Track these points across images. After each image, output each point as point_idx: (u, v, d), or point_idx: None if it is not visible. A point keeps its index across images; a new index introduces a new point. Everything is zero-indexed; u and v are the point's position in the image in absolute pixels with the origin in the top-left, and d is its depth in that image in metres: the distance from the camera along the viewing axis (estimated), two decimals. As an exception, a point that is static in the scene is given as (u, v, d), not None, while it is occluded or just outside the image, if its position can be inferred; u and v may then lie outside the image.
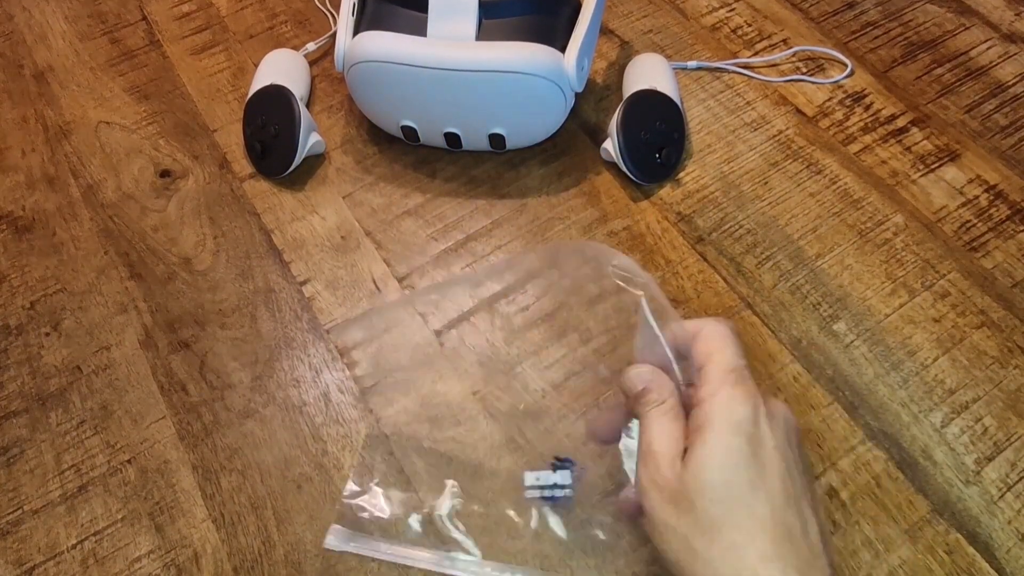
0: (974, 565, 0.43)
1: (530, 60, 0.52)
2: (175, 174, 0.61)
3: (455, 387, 0.50)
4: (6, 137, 0.64)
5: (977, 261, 0.55)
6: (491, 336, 0.52)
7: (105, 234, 0.58)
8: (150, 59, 0.69)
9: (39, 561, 0.45)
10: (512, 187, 0.60)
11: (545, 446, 0.47)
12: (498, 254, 0.56)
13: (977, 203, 0.58)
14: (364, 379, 0.51)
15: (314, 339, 0.52)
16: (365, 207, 0.59)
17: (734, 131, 0.62)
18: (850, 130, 0.62)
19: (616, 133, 0.57)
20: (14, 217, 0.59)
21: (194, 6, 0.73)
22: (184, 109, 0.65)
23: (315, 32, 0.70)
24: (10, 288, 0.55)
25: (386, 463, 0.47)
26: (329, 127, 0.63)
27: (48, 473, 0.48)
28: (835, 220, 0.57)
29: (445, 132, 0.58)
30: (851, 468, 0.47)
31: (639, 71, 0.62)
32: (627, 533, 0.45)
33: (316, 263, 0.56)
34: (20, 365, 0.52)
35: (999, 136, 0.62)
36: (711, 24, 0.70)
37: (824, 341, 0.51)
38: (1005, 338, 0.51)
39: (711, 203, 0.58)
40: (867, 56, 0.67)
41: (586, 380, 0.50)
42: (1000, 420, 0.48)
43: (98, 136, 0.64)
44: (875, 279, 0.54)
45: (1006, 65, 0.66)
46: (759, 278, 0.54)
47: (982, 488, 0.46)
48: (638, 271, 0.42)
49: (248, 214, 0.59)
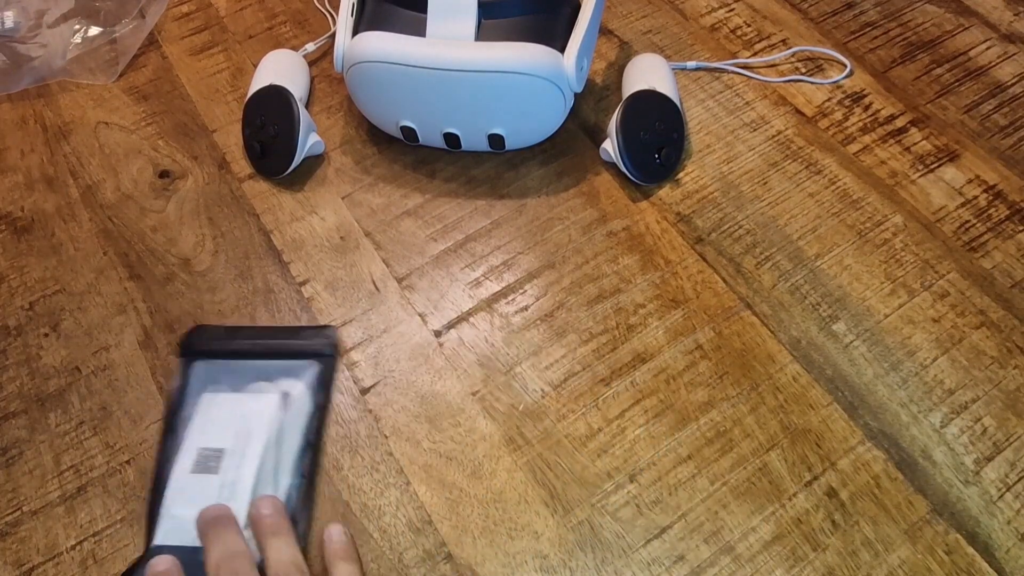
0: (973, 565, 0.43)
1: (529, 60, 0.52)
2: (174, 175, 0.61)
3: (454, 387, 0.50)
4: (5, 138, 0.64)
5: (976, 261, 0.55)
6: (490, 336, 0.52)
7: (104, 235, 0.58)
8: (149, 59, 0.69)
9: (38, 562, 0.45)
10: (511, 187, 0.60)
11: (543, 446, 0.47)
12: (497, 254, 0.56)
13: (976, 203, 0.58)
14: (363, 379, 0.51)
15: (313, 339, 0.52)
16: (364, 207, 0.59)
17: (733, 131, 0.62)
18: (849, 130, 0.62)
19: (615, 133, 0.57)
20: (13, 218, 0.59)
21: (193, 6, 0.73)
22: (183, 110, 0.65)
23: (314, 33, 0.70)
24: (9, 289, 0.55)
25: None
26: (328, 127, 0.63)
27: (47, 474, 0.48)
28: (834, 220, 0.57)
29: (444, 132, 0.57)
30: (850, 468, 0.47)
31: (638, 71, 0.62)
32: (626, 534, 0.45)
33: (315, 263, 0.56)
34: (19, 366, 0.52)
35: (998, 136, 0.62)
36: (710, 24, 0.70)
37: (823, 341, 0.51)
38: (1004, 338, 0.51)
39: (710, 203, 0.58)
40: (866, 56, 0.67)
41: (585, 380, 0.50)
42: (999, 420, 0.48)
43: (97, 137, 0.64)
44: (874, 279, 0.54)
45: (1005, 65, 0.66)
46: (758, 278, 0.54)
47: (981, 488, 0.46)
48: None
49: (247, 215, 0.59)
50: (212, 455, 0.44)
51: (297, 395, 0.47)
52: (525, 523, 0.45)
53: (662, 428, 0.48)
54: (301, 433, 0.46)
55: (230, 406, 0.47)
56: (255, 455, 0.44)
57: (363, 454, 0.48)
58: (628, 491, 0.46)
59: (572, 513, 0.46)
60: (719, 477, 0.46)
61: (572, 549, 0.44)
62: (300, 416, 0.46)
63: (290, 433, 0.46)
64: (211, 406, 0.46)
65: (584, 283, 0.54)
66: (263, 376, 0.48)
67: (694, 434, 0.48)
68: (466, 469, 0.47)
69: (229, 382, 0.48)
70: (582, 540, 0.45)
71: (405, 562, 0.44)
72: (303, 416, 0.46)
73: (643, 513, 0.45)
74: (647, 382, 0.50)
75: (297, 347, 0.49)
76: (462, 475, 0.47)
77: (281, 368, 0.48)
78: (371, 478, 0.47)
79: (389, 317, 0.53)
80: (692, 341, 0.52)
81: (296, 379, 0.48)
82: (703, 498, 0.46)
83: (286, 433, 0.46)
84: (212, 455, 0.44)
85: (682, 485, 0.46)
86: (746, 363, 0.51)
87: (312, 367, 0.48)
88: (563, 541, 0.45)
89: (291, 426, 0.46)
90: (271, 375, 0.48)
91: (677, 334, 0.52)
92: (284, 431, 0.46)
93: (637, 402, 0.49)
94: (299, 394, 0.47)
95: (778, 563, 0.44)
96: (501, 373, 0.51)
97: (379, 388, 0.50)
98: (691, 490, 0.46)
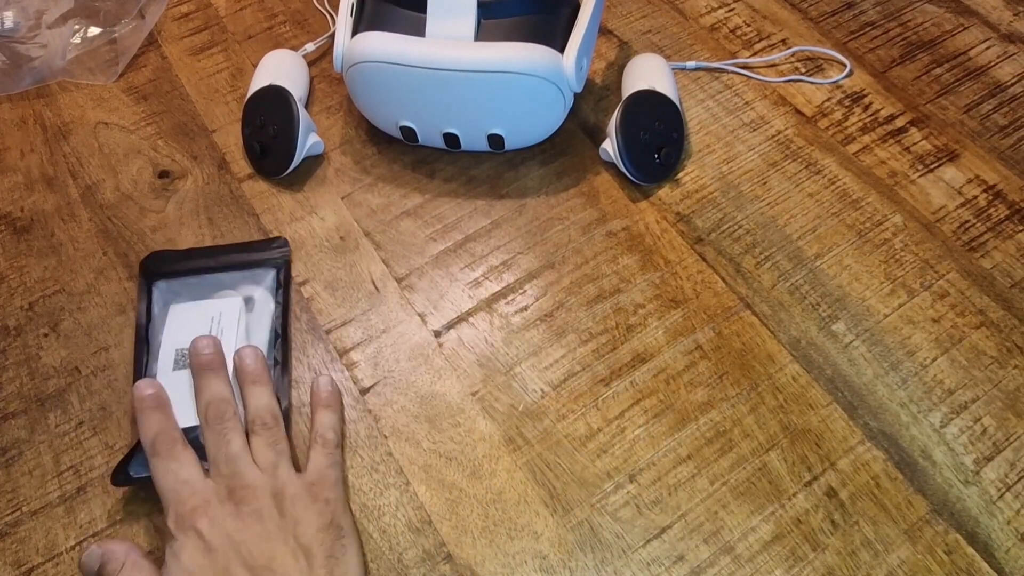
0: (973, 565, 0.43)
1: (529, 60, 0.52)
2: (174, 175, 0.61)
3: (454, 387, 0.50)
4: (4, 138, 0.64)
5: (976, 261, 0.55)
6: (490, 336, 0.52)
7: (104, 235, 0.58)
8: (149, 60, 0.69)
9: (38, 563, 0.45)
10: (511, 187, 0.60)
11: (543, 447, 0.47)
12: (497, 254, 0.56)
13: (976, 203, 0.58)
14: (363, 380, 0.51)
15: (313, 339, 0.52)
16: (364, 207, 0.59)
17: (733, 131, 0.62)
18: (849, 130, 0.62)
19: (615, 133, 0.57)
20: (12, 218, 0.59)
21: (193, 6, 0.73)
22: (183, 110, 0.65)
23: (314, 32, 0.70)
24: (8, 289, 0.55)
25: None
26: (328, 127, 0.63)
27: (47, 474, 0.48)
28: (834, 220, 0.57)
29: (444, 132, 0.57)
30: (850, 468, 0.47)
31: (638, 71, 0.62)
32: (626, 534, 0.45)
33: (315, 263, 0.56)
34: (19, 366, 0.52)
35: (998, 136, 0.62)
36: (710, 24, 0.70)
37: (823, 341, 0.51)
38: (1004, 338, 0.51)
39: (710, 203, 0.58)
40: (866, 56, 0.67)
41: (584, 381, 0.50)
42: (999, 420, 0.48)
43: (97, 137, 0.64)
44: (874, 279, 0.54)
45: (1005, 65, 0.66)
46: (758, 278, 0.54)
47: (981, 488, 0.46)
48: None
49: (247, 215, 0.59)
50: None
51: (259, 297, 0.52)
52: (525, 523, 0.45)
53: (662, 428, 0.48)
54: (268, 327, 0.51)
55: (198, 311, 0.50)
56: (229, 345, 0.49)
57: (362, 454, 0.48)
58: (628, 491, 0.46)
59: (572, 513, 0.46)
60: (719, 477, 0.46)
61: (572, 549, 0.44)
62: (265, 314, 0.51)
63: (258, 327, 0.50)
64: (179, 314, 0.50)
65: (584, 283, 0.54)
66: (224, 286, 0.52)
67: (694, 434, 0.48)
68: (466, 469, 0.47)
69: (192, 295, 0.52)
70: (582, 540, 0.45)
71: (405, 562, 0.44)
72: (268, 314, 0.51)
73: (643, 513, 0.45)
74: (647, 382, 0.50)
75: (251, 259, 0.53)
76: (462, 475, 0.47)
77: (239, 278, 0.52)
78: (370, 478, 0.47)
79: (389, 317, 0.53)
80: (692, 341, 0.52)
81: (256, 285, 0.52)
82: (703, 498, 0.46)
83: (254, 327, 0.50)
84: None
85: (682, 485, 0.46)
86: (746, 363, 0.51)
87: (268, 273, 0.53)
88: (563, 541, 0.45)
89: (257, 322, 0.50)
90: (231, 284, 0.52)
91: (677, 334, 0.52)
92: (251, 326, 0.50)
93: (637, 402, 0.49)
94: (261, 296, 0.52)
95: (778, 563, 0.44)
96: (501, 373, 0.51)
97: (379, 388, 0.50)
98: (691, 490, 0.46)
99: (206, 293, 0.52)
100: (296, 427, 0.49)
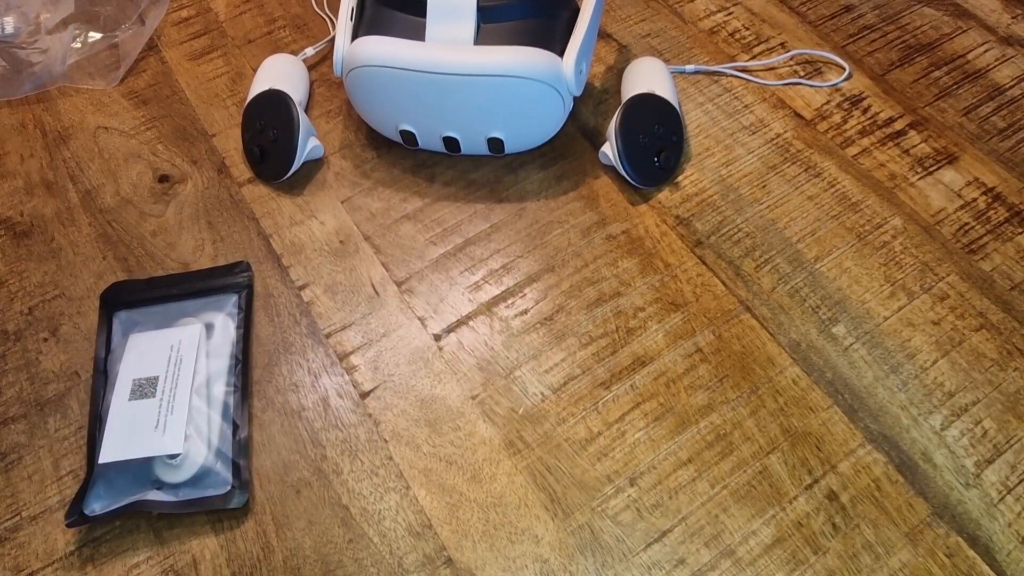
0: (974, 568, 0.43)
1: (528, 64, 0.52)
2: (173, 179, 0.61)
3: (454, 391, 0.50)
4: (5, 142, 0.64)
5: (976, 263, 0.55)
6: (490, 340, 0.52)
7: (103, 239, 0.58)
8: (149, 64, 0.69)
9: (37, 567, 0.44)
10: (511, 191, 0.60)
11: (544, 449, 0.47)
12: (497, 258, 0.56)
13: (975, 206, 0.58)
14: (363, 384, 0.51)
15: (313, 343, 0.52)
16: (364, 211, 0.59)
17: (732, 134, 0.62)
18: (848, 133, 0.62)
19: (615, 137, 0.57)
20: (12, 222, 0.59)
21: (193, 11, 0.73)
22: (183, 114, 0.65)
23: (313, 37, 0.70)
24: (8, 293, 0.55)
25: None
26: (328, 132, 0.64)
27: (46, 479, 0.47)
28: (834, 223, 0.57)
29: (444, 136, 0.58)
30: (851, 471, 0.47)
31: (637, 75, 0.62)
32: (627, 537, 0.45)
33: (315, 267, 0.56)
34: (18, 371, 0.52)
35: (997, 139, 0.62)
36: (709, 28, 0.70)
37: (823, 344, 0.51)
38: (1004, 340, 0.51)
39: (710, 206, 0.58)
40: (865, 59, 0.67)
41: (584, 384, 0.50)
42: (1000, 423, 0.48)
43: (97, 141, 0.64)
44: (874, 282, 0.54)
45: (1003, 68, 0.66)
46: (758, 281, 0.54)
47: (982, 491, 0.46)
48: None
49: (247, 219, 0.59)
50: (147, 383, 0.48)
51: (219, 323, 0.51)
52: (525, 527, 0.45)
53: (662, 431, 0.48)
54: (228, 353, 0.50)
55: (158, 340, 0.50)
56: (187, 374, 0.48)
57: (363, 458, 0.48)
58: (628, 495, 0.46)
59: (572, 517, 0.45)
60: (719, 480, 0.46)
61: (572, 553, 0.44)
62: (225, 340, 0.51)
63: (217, 354, 0.50)
64: (139, 343, 0.50)
65: (583, 286, 0.54)
66: (186, 313, 0.52)
67: (694, 437, 0.48)
68: (466, 473, 0.47)
69: (154, 323, 0.52)
70: (582, 544, 0.45)
71: (405, 566, 0.44)
72: (228, 340, 0.51)
73: (643, 517, 0.45)
74: (647, 385, 0.50)
75: (213, 284, 0.53)
76: (462, 479, 0.47)
77: (200, 304, 0.52)
78: (371, 482, 0.47)
79: (388, 321, 0.53)
80: (692, 344, 0.52)
81: (217, 311, 0.52)
82: (703, 501, 0.46)
83: (213, 354, 0.50)
84: (147, 383, 0.48)
85: (682, 489, 0.46)
86: (746, 366, 0.51)
87: (230, 298, 0.53)
88: (563, 545, 0.45)
89: (218, 348, 0.50)
90: (193, 311, 0.52)
91: (677, 337, 0.52)
92: (212, 353, 0.50)
93: (637, 405, 0.49)
94: (221, 322, 0.51)
95: (779, 566, 0.44)
96: (501, 377, 0.51)
97: (379, 392, 0.50)
98: (691, 493, 0.46)
99: (167, 321, 0.51)
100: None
